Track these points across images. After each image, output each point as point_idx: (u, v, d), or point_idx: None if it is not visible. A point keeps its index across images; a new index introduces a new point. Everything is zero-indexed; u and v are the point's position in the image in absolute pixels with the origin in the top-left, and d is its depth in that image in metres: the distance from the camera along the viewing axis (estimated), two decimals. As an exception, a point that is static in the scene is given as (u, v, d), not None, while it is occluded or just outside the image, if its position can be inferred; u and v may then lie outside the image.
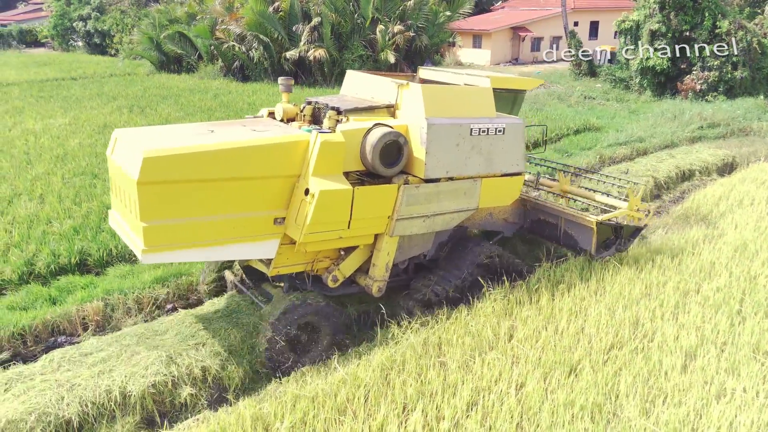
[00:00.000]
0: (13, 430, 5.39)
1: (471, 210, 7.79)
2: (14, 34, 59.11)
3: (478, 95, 7.61)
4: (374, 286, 7.44)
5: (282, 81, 7.68)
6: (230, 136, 6.33)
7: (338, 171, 6.57)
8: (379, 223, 7.10)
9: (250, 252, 6.69)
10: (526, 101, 26.31)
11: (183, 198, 5.92)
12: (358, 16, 29.42)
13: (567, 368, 6.36)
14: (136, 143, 5.92)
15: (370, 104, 7.38)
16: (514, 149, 7.76)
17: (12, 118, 19.41)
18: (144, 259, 5.93)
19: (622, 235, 9.07)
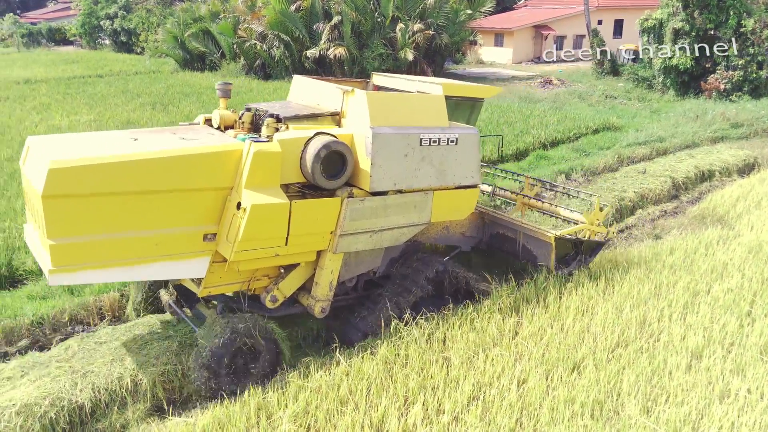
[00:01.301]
0: (27, 414, 5.59)
1: (422, 224, 7.37)
2: (44, 32, 60.30)
3: (429, 103, 7.20)
4: (317, 306, 6.93)
5: (219, 86, 7.16)
6: (153, 146, 5.82)
7: (274, 183, 6.09)
8: (320, 239, 6.62)
9: (177, 271, 6.16)
10: (546, 100, 26.27)
11: (96, 213, 5.39)
12: (378, 14, 29.52)
13: (570, 366, 6.40)
14: (45, 153, 5.39)
15: (313, 111, 6.99)
16: (468, 160, 7.36)
17: (39, 114, 19.89)
18: (51, 281, 5.43)
19: (583, 250, 8.80)
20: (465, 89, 8.28)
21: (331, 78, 8.08)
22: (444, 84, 7.73)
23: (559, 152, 17.47)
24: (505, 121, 20.68)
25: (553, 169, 15.40)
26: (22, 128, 17.45)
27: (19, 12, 71.78)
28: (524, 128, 19.51)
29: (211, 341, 6.11)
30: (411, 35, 29.24)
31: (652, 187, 13.90)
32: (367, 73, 28.91)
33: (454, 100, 7.85)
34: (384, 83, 8.56)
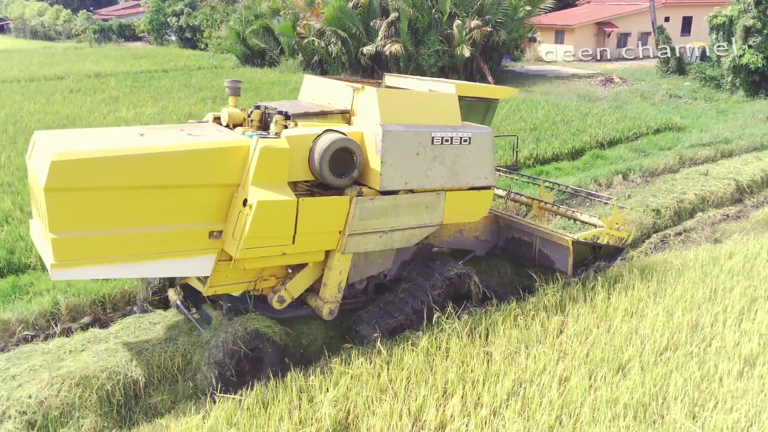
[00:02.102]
0: (86, 385, 5.94)
1: (434, 226, 7.15)
2: (114, 28, 63.06)
3: (441, 102, 7.02)
4: (325, 308, 6.76)
5: (229, 83, 7.04)
6: (158, 141, 5.74)
7: (282, 180, 5.94)
8: (328, 238, 6.45)
9: (181, 269, 6.05)
10: (606, 98, 25.62)
11: (99, 207, 5.30)
12: (435, 11, 29.46)
13: (615, 366, 6.29)
14: (49, 146, 5.31)
15: (323, 109, 6.87)
16: (481, 161, 7.14)
17: (107, 106, 20.86)
18: (53, 275, 5.33)
19: (601, 255, 8.47)
20: (479, 89, 8.10)
21: (341, 77, 7.94)
22: (457, 83, 7.59)
23: (617, 152, 17.06)
24: (561, 119, 20.32)
25: (609, 169, 15.06)
26: (92, 119, 18.35)
27: (92, 9, 75.27)
28: (581, 127, 19.13)
29: (216, 344, 6.05)
30: (468, 32, 29.05)
31: (714, 189, 13.42)
32: (423, 70, 29.01)
33: (468, 101, 7.70)
34: (396, 84, 8.38)
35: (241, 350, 6.03)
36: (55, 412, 5.70)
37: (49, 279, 5.96)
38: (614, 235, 8.56)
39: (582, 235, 8.28)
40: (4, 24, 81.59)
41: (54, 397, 5.77)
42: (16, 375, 6.07)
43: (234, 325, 6.19)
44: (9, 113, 19.16)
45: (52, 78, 28.72)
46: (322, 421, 5.36)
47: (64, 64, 34.78)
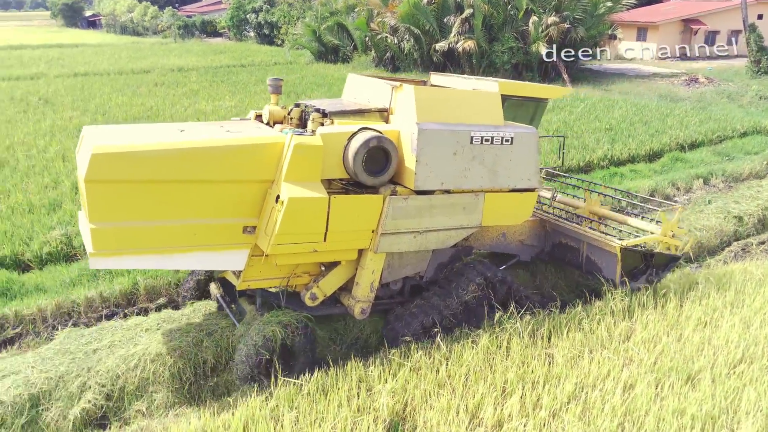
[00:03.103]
0: (160, 363, 6.30)
1: (472, 228, 6.94)
2: (197, 24, 65.75)
3: (481, 100, 6.81)
4: (357, 307, 6.72)
5: (270, 81, 7.08)
6: (196, 136, 5.84)
7: (315, 177, 5.93)
8: (361, 237, 6.38)
9: (215, 262, 6.15)
10: (690, 99, 24.46)
11: (138, 199, 5.44)
12: (511, 7, 29.00)
13: (684, 376, 6.06)
14: (93, 140, 5.49)
15: (360, 107, 6.79)
16: (524, 162, 6.89)
17: (188, 99, 21.82)
18: (92, 264, 5.54)
19: (654, 263, 7.93)
20: (526, 89, 7.82)
21: (384, 76, 7.76)
22: (501, 82, 7.38)
23: (698, 155, 16.30)
24: (639, 119, 19.60)
25: (689, 173, 14.44)
26: (174, 111, 19.25)
27: (177, 6, 78.66)
28: (660, 128, 18.39)
29: (250, 339, 6.15)
30: (544, 28, 28.44)
31: (804, 197, 12.60)
32: (496, 67, 28.68)
33: (515, 100, 7.47)
34: (441, 82, 8.20)
35: (271, 346, 6.11)
36: (131, 386, 6.09)
37: None
38: (669, 243, 8.08)
39: (632, 242, 7.85)
40: (97, 19, 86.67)
41: (131, 372, 6.15)
42: (98, 349, 6.52)
43: (265, 320, 6.27)
44: (99, 104, 20.39)
45: (139, 72, 30.31)
46: (380, 411, 5.45)
47: (150, 59, 36.62)
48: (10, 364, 6.28)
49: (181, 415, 5.92)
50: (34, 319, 7.42)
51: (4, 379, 5.98)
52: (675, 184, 13.60)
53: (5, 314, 7.34)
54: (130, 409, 6.00)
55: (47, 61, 35.38)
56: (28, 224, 9.53)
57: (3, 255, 8.63)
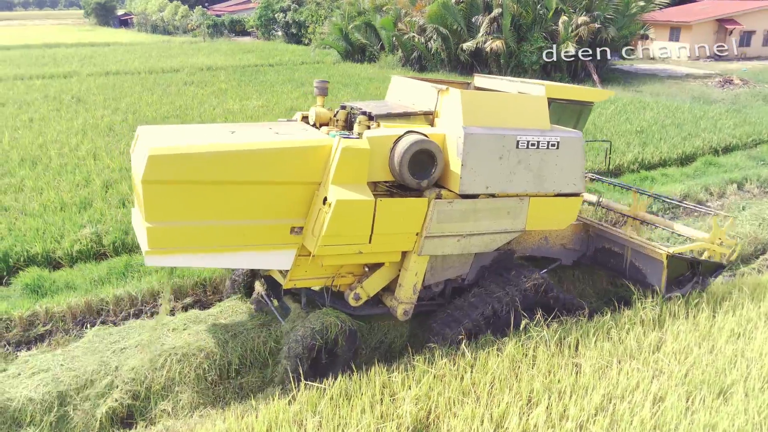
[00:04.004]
0: (186, 363, 6.35)
1: (516, 232, 6.94)
2: (226, 23, 66.44)
3: (528, 104, 6.78)
4: (399, 309, 6.79)
5: (317, 83, 7.14)
6: (247, 138, 5.97)
7: (361, 180, 5.99)
8: (405, 239, 6.45)
9: (263, 261, 6.33)
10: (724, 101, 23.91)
11: (192, 200, 5.59)
12: (540, 6, 28.70)
13: (716, 390, 5.91)
14: (148, 141, 5.66)
15: (406, 110, 6.82)
16: (570, 166, 6.83)
17: (216, 98, 22.04)
18: (147, 261, 5.73)
19: (700, 271, 7.78)
20: (572, 92, 7.74)
21: (429, 78, 7.74)
22: (547, 85, 7.29)
23: (732, 159, 15.92)
24: (672, 122, 19.23)
25: (722, 177, 14.10)
26: (202, 110, 19.47)
27: (207, 5, 79.56)
28: (693, 131, 18.01)
29: (296, 335, 6.24)
30: (574, 28, 28.07)
31: (844, 204, 12.20)
32: (524, 67, 28.40)
33: (559, 103, 7.39)
34: (485, 85, 8.16)
35: (318, 343, 6.19)
36: (157, 386, 6.14)
37: None
38: (717, 251, 7.95)
39: (679, 249, 7.72)
40: (128, 18, 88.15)
41: (157, 372, 6.21)
42: (125, 348, 6.60)
43: (312, 318, 6.36)
44: (129, 103, 20.72)
45: (169, 71, 30.74)
46: (403, 418, 5.41)
47: (180, 58, 37.11)
48: (40, 362, 6.38)
49: (206, 416, 5.95)
50: (64, 317, 7.55)
51: (34, 377, 6.09)
52: (708, 188, 13.30)
53: (36, 311, 7.47)
54: (155, 408, 6.05)
55: (80, 59, 36.09)
56: (59, 222, 9.70)
57: (35, 252, 8.79)
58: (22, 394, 5.83)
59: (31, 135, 15.66)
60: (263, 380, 6.50)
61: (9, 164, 12.92)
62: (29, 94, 22.65)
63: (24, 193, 11.19)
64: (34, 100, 21.29)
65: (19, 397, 5.79)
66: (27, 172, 12.39)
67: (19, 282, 8.20)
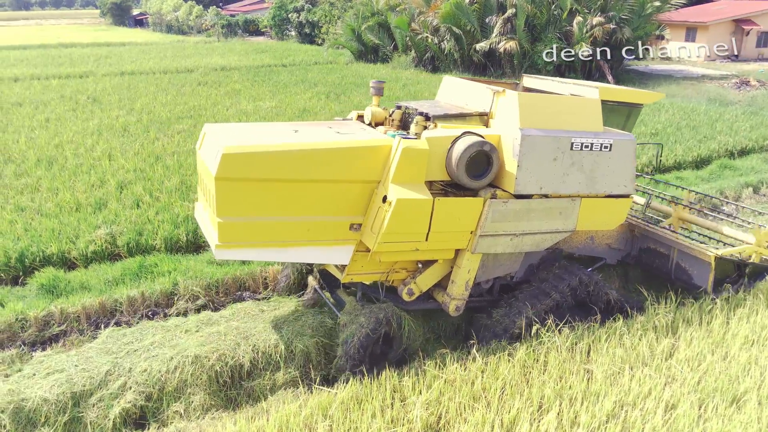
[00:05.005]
0: (198, 365, 6.39)
1: (566, 232, 7.08)
2: (240, 23, 66.70)
3: (583, 107, 6.91)
4: (452, 304, 7.00)
5: (373, 84, 7.39)
6: (312, 138, 6.20)
7: (420, 180, 6.22)
8: (460, 237, 6.64)
9: (324, 256, 6.55)
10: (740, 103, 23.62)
11: (260, 196, 5.86)
12: (555, 7, 28.53)
13: (729, 398, 5.86)
14: (219, 139, 5.94)
15: (462, 111, 6.98)
16: (622, 168, 6.96)
17: (230, 99, 22.14)
18: (217, 255, 6.01)
19: (746, 273, 7.92)
20: (623, 94, 7.89)
21: (479, 78, 7.97)
22: (601, 87, 7.38)
23: (749, 162, 15.73)
24: (687, 124, 19.04)
25: (738, 181, 13.94)
26: (216, 111, 19.57)
27: (221, 5, 79.97)
28: (709, 133, 17.83)
29: (357, 325, 6.49)
30: (589, 29, 27.88)
31: None
32: (538, 68, 28.24)
33: (609, 105, 7.47)
34: (534, 85, 8.30)
35: (379, 332, 6.48)
36: (170, 387, 6.19)
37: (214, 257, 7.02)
38: (764, 253, 8.10)
39: (727, 252, 7.88)
40: (144, 18, 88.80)
41: (170, 374, 6.27)
42: (138, 350, 6.66)
43: (373, 309, 6.62)
44: (144, 104, 20.87)
45: (183, 71, 30.92)
46: (414, 423, 5.42)
47: (194, 58, 37.32)
48: (55, 362, 6.46)
49: (218, 418, 6.01)
50: (78, 317, 7.63)
51: (48, 377, 6.17)
52: (723, 192, 13.16)
53: (51, 311, 7.55)
54: (168, 410, 6.10)
55: (96, 59, 36.41)
56: (74, 223, 9.80)
57: (51, 253, 8.89)
58: (36, 394, 5.91)
59: (48, 135, 15.83)
60: (275, 383, 6.54)
61: (26, 164, 13.07)
62: (45, 94, 22.90)
63: (40, 193, 11.32)
64: (50, 100, 21.51)
65: (33, 398, 5.88)
66: (43, 172, 12.53)
67: (35, 282, 8.29)
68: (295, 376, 6.65)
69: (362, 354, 6.41)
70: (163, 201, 10.81)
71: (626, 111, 7.97)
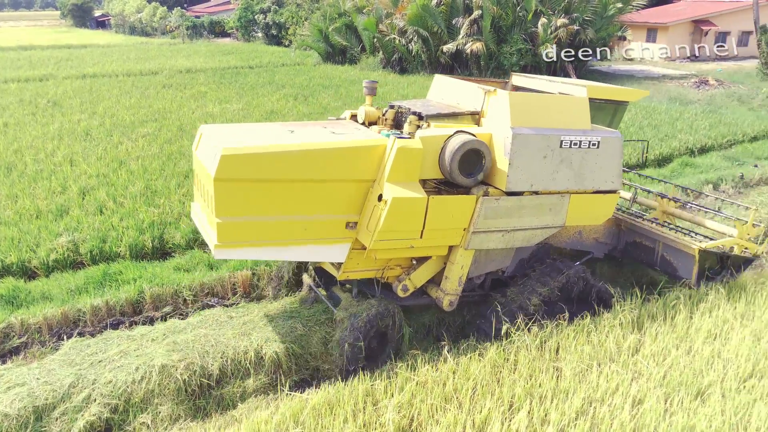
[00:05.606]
0: (165, 374, 6.26)
1: (556, 227, 7.26)
2: (206, 25, 65.85)
3: (571, 105, 7.07)
4: (445, 300, 7.16)
5: (366, 84, 7.47)
6: (309, 138, 6.29)
7: (414, 178, 6.34)
8: (453, 234, 6.80)
9: (321, 254, 6.64)
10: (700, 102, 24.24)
11: (258, 196, 5.93)
12: (520, 9, 28.87)
13: (694, 391, 5.99)
14: (217, 140, 6.00)
15: (454, 110, 7.10)
16: (609, 165, 7.16)
17: (196, 101, 21.84)
18: (216, 254, 6.05)
19: (729, 265, 8.19)
20: (609, 91, 8.06)
21: (471, 78, 8.06)
22: (588, 86, 7.54)
23: (708, 160, 16.15)
24: (649, 123, 19.46)
25: (699, 178, 14.29)
26: (181, 114, 19.28)
27: (185, 6, 78.85)
28: (670, 132, 18.25)
29: (353, 320, 6.61)
30: (553, 30, 28.29)
31: (817, 204, 12.44)
32: (504, 69, 28.55)
33: (596, 103, 7.63)
34: (524, 84, 8.45)
35: (376, 327, 6.65)
36: (136, 398, 6.05)
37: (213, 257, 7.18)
38: (746, 246, 8.33)
39: (710, 245, 8.12)
40: (106, 20, 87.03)
41: (136, 384, 6.13)
42: (103, 360, 6.50)
43: (369, 305, 6.75)
44: (107, 107, 20.44)
45: (147, 73, 30.37)
46: (386, 426, 5.41)
47: (158, 60, 36.70)
48: (15, 375, 6.26)
49: (186, 429, 5.89)
50: (39, 328, 7.41)
51: (9, 391, 5.97)
52: (684, 189, 13.45)
53: (11, 323, 7.33)
54: (134, 422, 5.96)
55: (56, 62, 35.55)
56: (35, 231, 9.53)
57: (10, 262, 8.63)
58: (-3, 409, 5.72)
59: (6, 140, 15.38)
60: (245, 391, 6.45)
61: (-17, 171, 12.68)
62: (4, 98, 22.25)
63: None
64: (8, 104, 20.91)
65: (-6, 413, 5.68)
66: (1, 178, 12.17)
67: (-6, 293, 8.04)
68: (266, 382, 6.57)
69: (359, 349, 6.51)
70: (128, 207, 10.59)
71: (612, 108, 8.16)
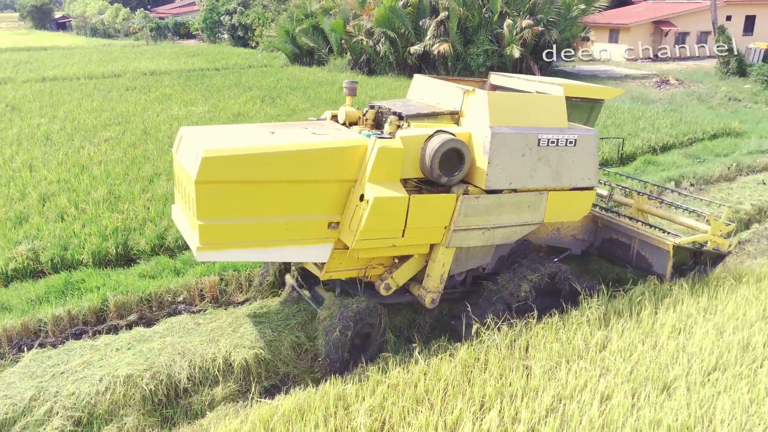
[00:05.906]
0: (131, 385, 6.12)
1: (535, 224, 7.39)
2: (170, 26, 64.80)
3: (548, 104, 7.17)
4: (427, 297, 7.23)
5: (347, 84, 7.52)
6: (289, 139, 6.31)
7: (395, 178, 6.40)
8: (435, 233, 6.87)
9: (304, 255, 6.68)
10: (661, 101, 24.79)
11: (240, 198, 5.94)
12: (486, 10, 29.12)
13: (660, 386, 6.09)
14: (197, 142, 5.98)
15: (434, 110, 7.18)
16: (585, 162, 7.31)
17: (160, 104, 21.46)
18: (198, 257, 6.06)
19: (702, 260, 8.43)
20: (586, 90, 8.19)
21: (450, 78, 8.15)
22: (565, 85, 7.65)
23: (670, 158, 16.52)
24: (613, 122, 19.81)
25: (661, 176, 14.59)
26: (146, 117, 18.92)
27: (149, 7, 77.50)
28: (633, 131, 18.61)
29: (344, 310, 6.64)
30: (519, 31, 28.61)
31: (773, 199, 12.82)
32: (471, 70, 28.75)
33: (573, 101, 7.74)
34: (501, 83, 8.56)
35: (359, 325, 6.68)
36: (101, 410, 5.90)
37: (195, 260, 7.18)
38: (718, 242, 8.53)
39: (684, 240, 8.29)
40: (66, 21, 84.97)
41: (100, 395, 5.97)
42: (65, 372, 6.32)
43: (351, 304, 6.76)
44: (68, 111, 19.94)
45: (110, 76, 29.74)
46: (358, 430, 5.37)
47: (121, 62, 35.96)
48: (-26, 390, 6.05)
49: (153, 439, 5.77)
50: (-1, 340, 7.18)
51: (-33, 407, 5.76)
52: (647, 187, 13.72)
53: (-31, 335, 7.09)
54: (99, 434, 5.82)
55: (15, 64, 34.57)
56: (-8, 239, 9.24)
57: (-33, 272, 8.35)
58: (-47, 425, 5.52)
59: (-38, 146, 14.88)
60: (213, 399, 6.34)
61: (-63, 178, 12.24)
62: (-41, 102, 21.55)
63: (-46, 208, 10.61)
64: (-36, 108, 20.25)
65: (-50, 429, 5.48)
66: (-43, 186, 11.76)
67: (-50, 304, 7.76)
68: (235, 390, 6.47)
69: (342, 346, 6.54)
70: (90, 213, 10.33)
71: (589, 107, 8.28)
